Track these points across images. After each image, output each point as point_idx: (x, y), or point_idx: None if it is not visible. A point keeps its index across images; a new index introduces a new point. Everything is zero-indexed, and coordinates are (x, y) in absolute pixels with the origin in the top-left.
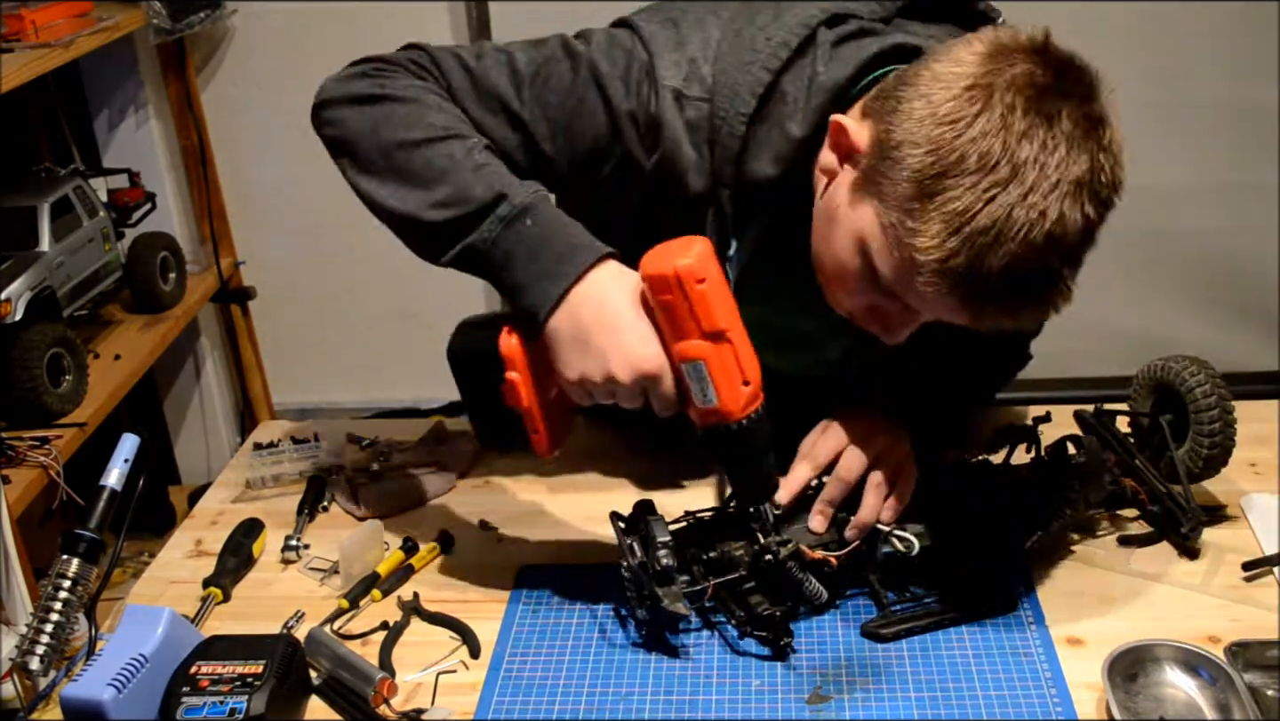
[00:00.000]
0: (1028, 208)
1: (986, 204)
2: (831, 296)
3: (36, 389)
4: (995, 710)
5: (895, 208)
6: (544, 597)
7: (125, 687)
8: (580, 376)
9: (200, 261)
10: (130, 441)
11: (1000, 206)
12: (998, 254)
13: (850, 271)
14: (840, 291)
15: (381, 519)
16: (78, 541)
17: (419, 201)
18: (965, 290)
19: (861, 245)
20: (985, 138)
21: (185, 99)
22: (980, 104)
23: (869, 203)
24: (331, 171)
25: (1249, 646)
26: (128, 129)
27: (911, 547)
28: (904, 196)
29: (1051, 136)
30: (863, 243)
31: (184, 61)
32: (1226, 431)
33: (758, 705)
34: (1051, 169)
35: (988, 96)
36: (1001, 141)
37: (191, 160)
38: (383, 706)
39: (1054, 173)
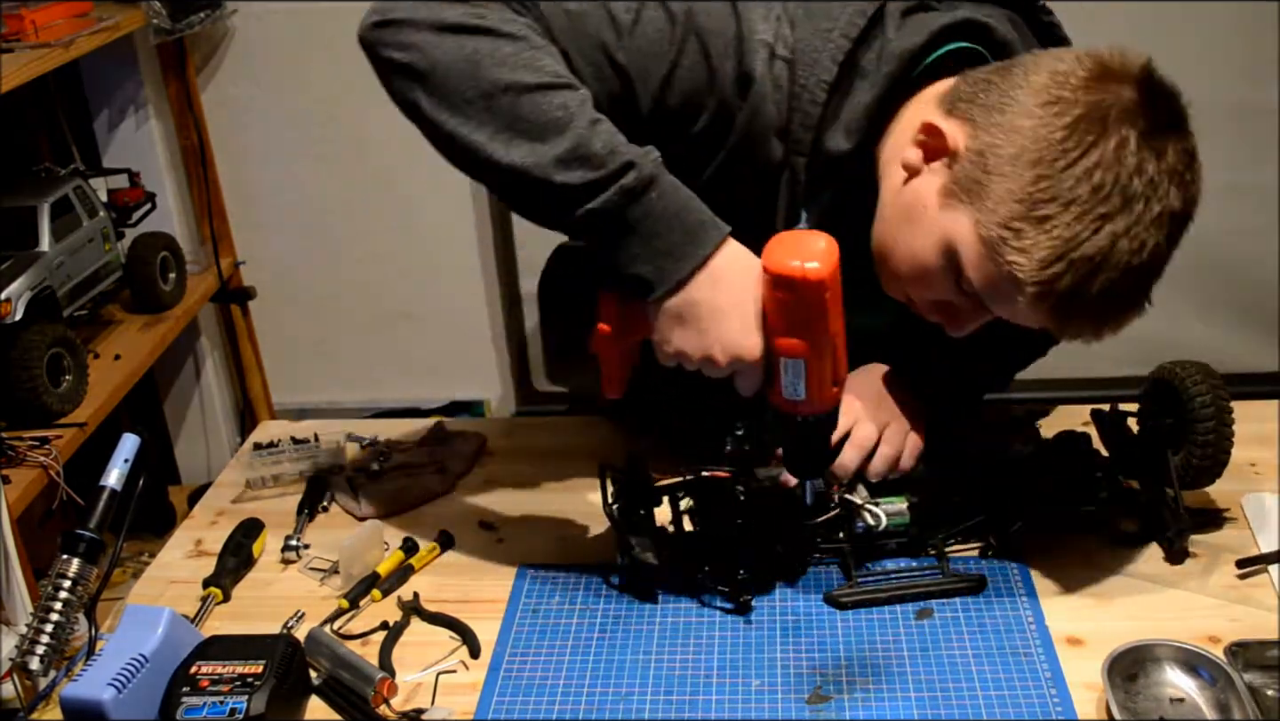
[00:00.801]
0: (1130, 239)
1: (1094, 233)
2: (892, 285)
3: (36, 389)
4: (995, 710)
5: (998, 223)
6: (544, 597)
7: (125, 687)
8: (677, 351)
9: (200, 261)
10: (130, 441)
11: (1106, 236)
12: (1099, 280)
13: (931, 270)
14: (912, 285)
15: (381, 519)
16: (78, 541)
17: (537, 156)
18: (1060, 308)
19: (949, 249)
20: (1099, 170)
21: (185, 99)
22: (1095, 134)
23: (965, 210)
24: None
25: (1249, 646)
26: (128, 129)
27: (880, 522)
28: (1010, 215)
29: (1160, 171)
30: (952, 247)
31: (184, 61)
32: (1221, 432)
33: (758, 705)
34: (1155, 202)
35: (1103, 127)
36: (1114, 175)
37: (191, 160)
38: (383, 706)
39: (1157, 205)
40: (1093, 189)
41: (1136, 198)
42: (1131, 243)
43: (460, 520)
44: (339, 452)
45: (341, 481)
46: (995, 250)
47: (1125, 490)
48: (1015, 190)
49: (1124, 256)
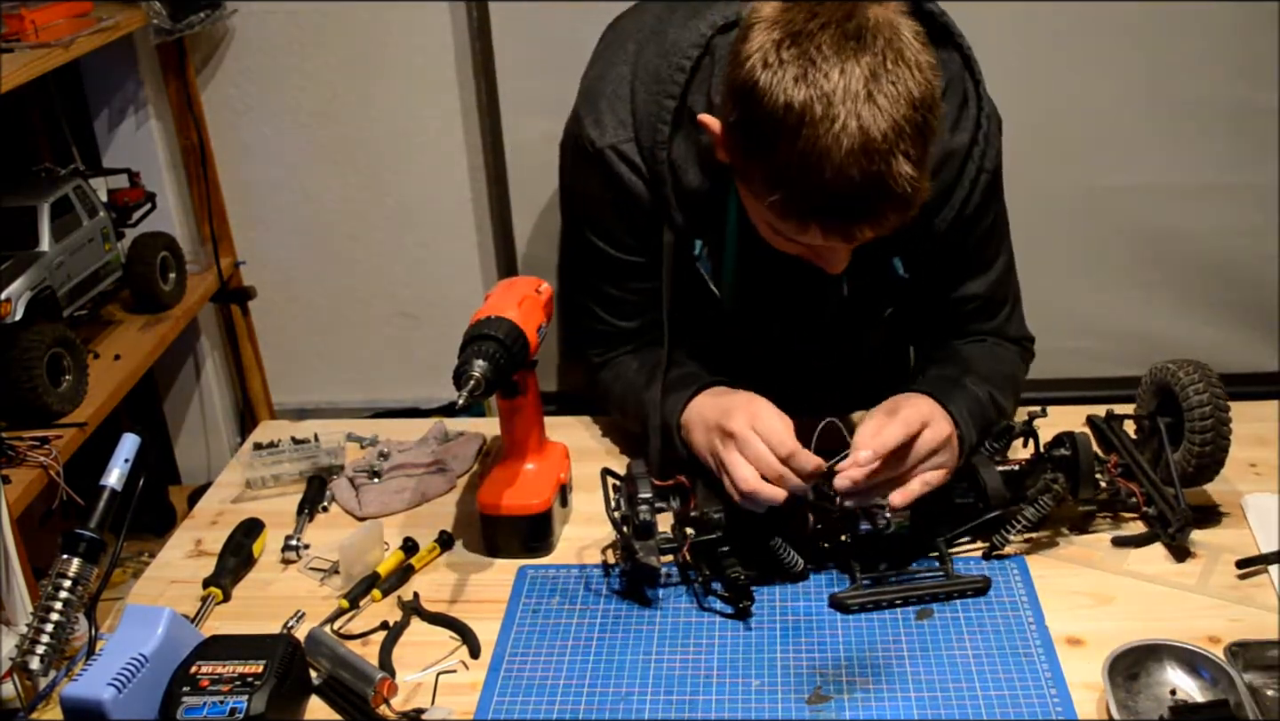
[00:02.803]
0: (826, 138)
1: (792, 150)
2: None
3: (36, 389)
4: (995, 710)
5: (742, 175)
6: (544, 597)
7: (125, 687)
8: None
9: (200, 261)
10: (130, 441)
11: (804, 146)
12: (821, 184)
13: (766, 234)
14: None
15: (381, 519)
16: (78, 541)
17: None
18: (817, 220)
19: (755, 213)
20: (768, 98)
21: (185, 99)
22: (759, 69)
23: (737, 177)
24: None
25: (1249, 646)
26: (128, 129)
27: (887, 525)
28: (745, 168)
29: (817, 69)
30: (755, 211)
31: (184, 61)
32: (1219, 431)
33: (758, 705)
34: (832, 94)
35: (764, 61)
36: (782, 94)
37: (191, 160)
38: (383, 706)
39: (836, 95)
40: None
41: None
42: (828, 139)
43: (460, 520)
44: (339, 452)
45: (341, 481)
46: (750, 197)
47: (1125, 490)
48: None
49: (829, 153)
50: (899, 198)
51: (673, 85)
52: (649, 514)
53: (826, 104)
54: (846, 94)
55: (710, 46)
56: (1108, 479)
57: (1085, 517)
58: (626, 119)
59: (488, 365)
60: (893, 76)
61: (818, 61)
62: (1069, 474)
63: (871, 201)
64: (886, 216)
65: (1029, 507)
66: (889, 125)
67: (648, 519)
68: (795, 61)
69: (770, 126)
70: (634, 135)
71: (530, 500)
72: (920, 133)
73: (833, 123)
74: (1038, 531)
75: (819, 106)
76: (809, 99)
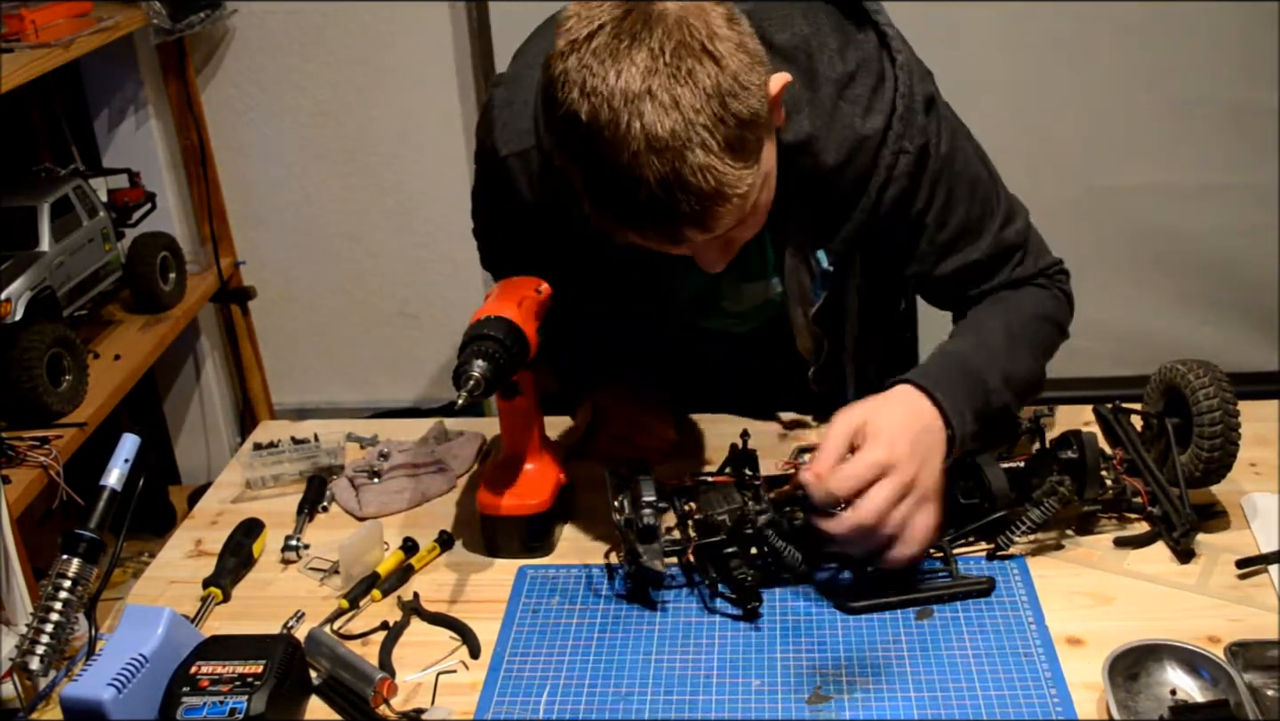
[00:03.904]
0: (613, 140)
1: (590, 160)
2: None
3: (36, 389)
4: (995, 710)
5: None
6: (544, 597)
7: (125, 687)
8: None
9: (200, 261)
10: (130, 441)
11: (598, 153)
12: (619, 188)
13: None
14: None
15: (381, 519)
16: (78, 541)
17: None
18: (627, 224)
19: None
20: (560, 110)
21: (185, 99)
22: (553, 89)
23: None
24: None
25: (1249, 646)
26: (128, 129)
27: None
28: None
29: (593, 74)
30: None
31: (184, 61)
32: (1228, 436)
33: (758, 705)
34: (611, 97)
35: (552, 77)
36: (570, 105)
37: (191, 160)
38: (382, 706)
39: (615, 98)
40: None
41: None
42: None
43: (460, 520)
44: (339, 452)
45: (341, 481)
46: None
47: (1130, 489)
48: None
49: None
50: (706, 193)
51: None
52: (653, 517)
53: (608, 110)
54: (625, 95)
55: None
56: (1113, 476)
57: (1089, 518)
58: (527, 128)
59: (487, 365)
60: (673, 69)
61: (594, 67)
62: (1075, 475)
63: (674, 201)
64: (705, 213)
65: (1034, 509)
66: (675, 120)
67: (651, 522)
68: (575, 70)
69: (569, 142)
70: (537, 143)
71: (530, 500)
72: (720, 120)
73: (617, 127)
74: (1042, 532)
75: (603, 114)
76: (593, 107)
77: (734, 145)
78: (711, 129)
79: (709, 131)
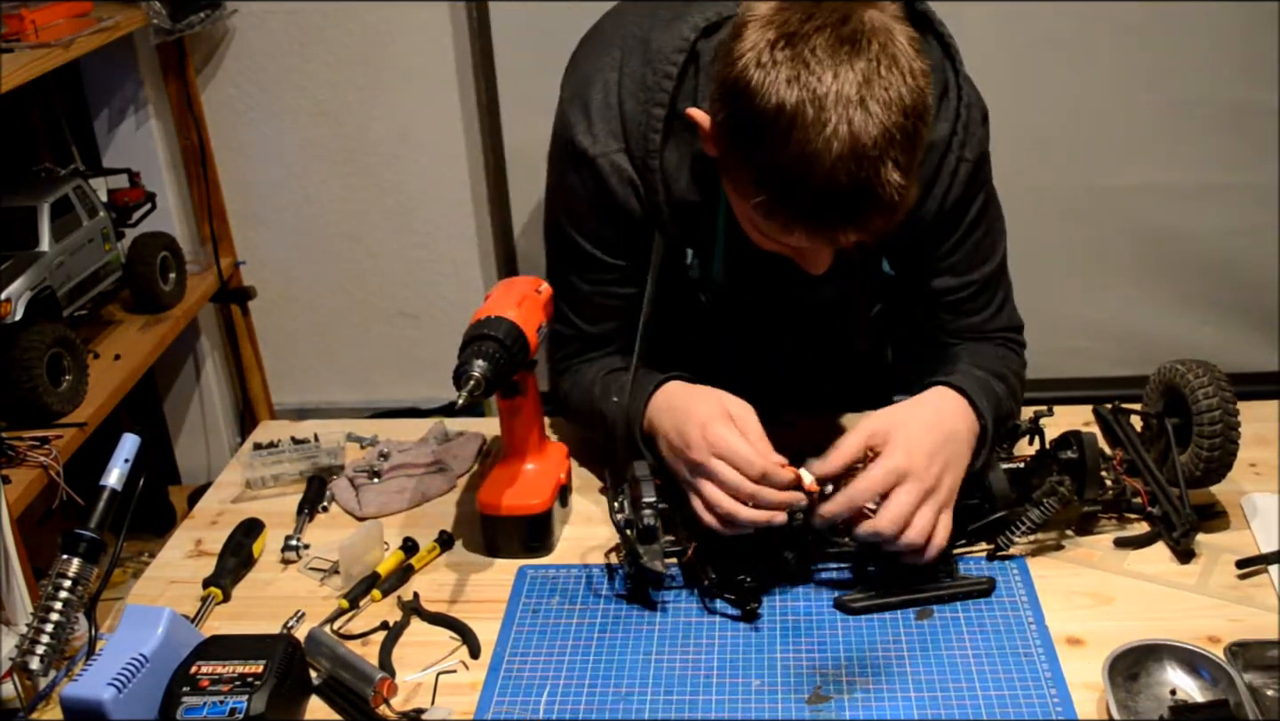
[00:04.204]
0: (816, 141)
1: (781, 151)
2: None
3: (36, 389)
4: (995, 710)
5: (732, 177)
6: (544, 597)
7: (125, 687)
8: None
9: (200, 261)
10: (130, 441)
11: (794, 149)
12: (808, 187)
13: (751, 232)
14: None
15: (381, 519)
16: (78, 541)
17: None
18: (802, 223)
19: (740, 211)
20: (759, 98)
21: (185, 99)
22: (752, 69)
23: (723, 174)
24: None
25: (1249, 646)
26: (128, 129)
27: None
28: (731, 167)
29: (810, 72)
30: (739, 209)
31: (184, 61)
32: (1228, 435)
33: (758, 705)
34: (824, 98)
35: (757, 60)
36: (773, 94)
37: (191, 160)
38: (382, 706)
39: (828, 99)
40: (759, 115)
41: (803, 104)
42: (819, 142)
43: (460, 520)
44: (339, 452)
45: (341, 481)
46: (737, 195)
47: (1130, 490)
48: (719, 143)
49: (819, 156)
50: (886, 205)
51: (660, 93)
52: (653, 518)
53: (819, 107)
54: (839, 98)
55: (695, 51)
56: (1113, 476)
57: (1089, 519)
58: (617, 129)
59: (487, 365)
60: (885, 82)
61: (811, 64)
62: (1075, 475)
63: (858, 208)
64: (872, 222)
65: (1034, 510)
66: (880, 132)
67: (652, 523)
68: (789, 62)
69: (761, 126)
70: (625, 145)
71: (530, 500)
72: (910, 140)
73: (824, 126)
74: (1042, 532)
75: (811, 109)
76: (801, 101)
77: (912, 165)
78: (903, 146)
79: (900, 149)
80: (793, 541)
